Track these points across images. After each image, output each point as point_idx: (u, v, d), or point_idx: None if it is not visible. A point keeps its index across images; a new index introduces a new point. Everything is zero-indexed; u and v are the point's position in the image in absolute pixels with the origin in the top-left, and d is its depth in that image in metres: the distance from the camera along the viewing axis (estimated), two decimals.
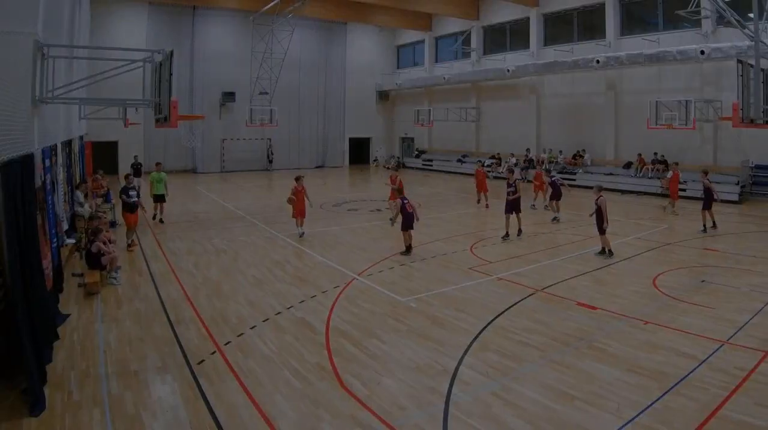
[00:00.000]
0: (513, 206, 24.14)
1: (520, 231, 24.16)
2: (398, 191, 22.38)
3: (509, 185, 24.46)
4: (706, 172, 27.48)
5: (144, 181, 30.86)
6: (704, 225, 25.82)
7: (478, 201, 34.08)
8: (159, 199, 27.95)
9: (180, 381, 10.92)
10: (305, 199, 25.18)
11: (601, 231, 21.14)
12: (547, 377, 11.06)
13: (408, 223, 21.31)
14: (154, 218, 27.69)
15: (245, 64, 55.44)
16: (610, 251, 21.15)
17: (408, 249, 21.47)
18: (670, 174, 28.85)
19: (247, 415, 9.66)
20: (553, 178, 29.99)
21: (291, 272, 19.49)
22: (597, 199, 21.21)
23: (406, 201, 21.49)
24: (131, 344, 12.79)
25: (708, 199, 26.14)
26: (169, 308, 15.45)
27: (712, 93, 37.71)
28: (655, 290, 16.91)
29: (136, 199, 22.73)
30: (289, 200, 24.54)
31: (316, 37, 62.98)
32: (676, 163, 28.80)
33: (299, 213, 24.74)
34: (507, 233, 23.93)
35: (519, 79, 52.58)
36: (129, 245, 22.36)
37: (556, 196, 29.08)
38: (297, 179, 25.34)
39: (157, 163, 29.92)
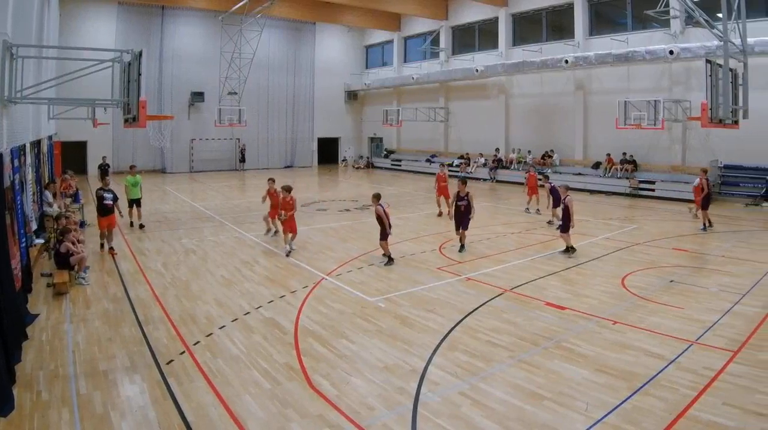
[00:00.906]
0: (460, 221, 22.06)
1: (462, 247, 22.41)
2: (376, 197, 20.89)
3: (460, 198, 22.05)
4: (705, 171, 27.41)
5: (114, 183, 30.44)
6: (704, 224, 26.15)
7: (439, 214, 29.73)
8: (135, 203, 26.85)
9: (149, 381, 10.85)
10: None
11: (565, 229, 21.30)
12: (516, 377, 11.07)
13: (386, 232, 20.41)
14: (131, 225, 26.65)
15: (214, 64, 55.47)
16: (572, 247, 21.33)
17: (390, 260, 20.44)
18: (696, 182, 27.21)
19: (216, 415, 9.63)
20: (552, 184, 28.07)
21: (260, 272, 19.44)
22: (564, 199, 21.39)
23: (384, 207, 20.64)
24: (100, 344, 12.71)
25: (707, 199, 26.29)
26: (138, 308, 15.38)
27: (680, 93, 37.97)
28: (623, 290, 16.97)
29: (110, 202, 21.88)
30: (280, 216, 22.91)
31: (285, 37, 63.12)
32: (705, 171, 27.25)
33: (291, 229, 23.20)
34: (462, 245, 22.51)
35: (488, 79, 52.77)
36: (106, 248, 21.91)
37: (558, 203, 26.63)
38: (270, 181, 25.91)
39: (132, 166, 28.95)
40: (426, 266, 19.37)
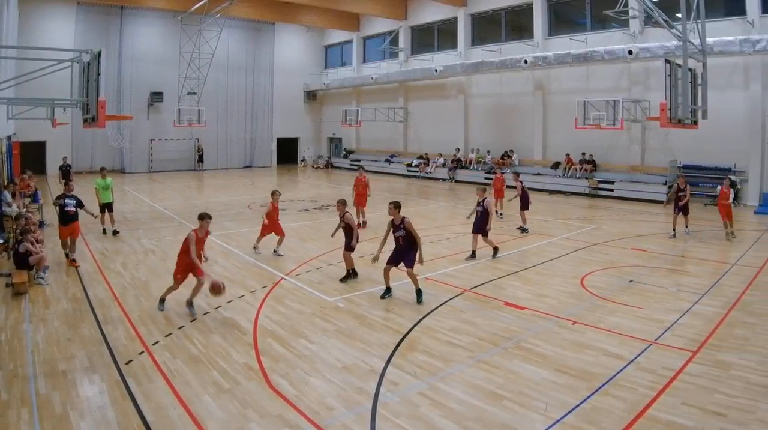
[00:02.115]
0: (395, 259, 17.03)
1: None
2: (343, 203, 19.12)
3: (396, 228, 16.73)
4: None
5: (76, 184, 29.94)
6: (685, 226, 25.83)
7: (359, 224, 25.67)
8: (107, 208, 25.42)
9: (108, 381, 10.75)
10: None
11: (484, 233, 20.88)
12: (475, 377, 11.07)
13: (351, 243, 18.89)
14: (104, 232, 25.46)
15: (173, 65, 55.29)
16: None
17: (354, 274, 18.67)
18: (717, 189, 25.96)
19: (175, 415, 9.56)
20: (523, 185, 27.30)
21: (219, 272, 19.14)
22: (483, 201, 20.93)
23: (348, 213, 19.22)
24: (59, 344, 12.60)
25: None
26: (97, 308, 15.27)
27: (639, 93, 38.31)
28: (583, 290, 17.03)
29: (73, 208, 20.52)
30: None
31: (244, 37, 63.10)
32: (730, 178, 26.53)
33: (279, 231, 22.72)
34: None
35: (447, 79, 52.95)
36: (71, 261, 20.10)
37: (526, 205, 26.77)
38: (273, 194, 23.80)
39: (102, 169, 27.65)
40: (384, 266, 19.26)
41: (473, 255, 21.06)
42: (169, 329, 13.71)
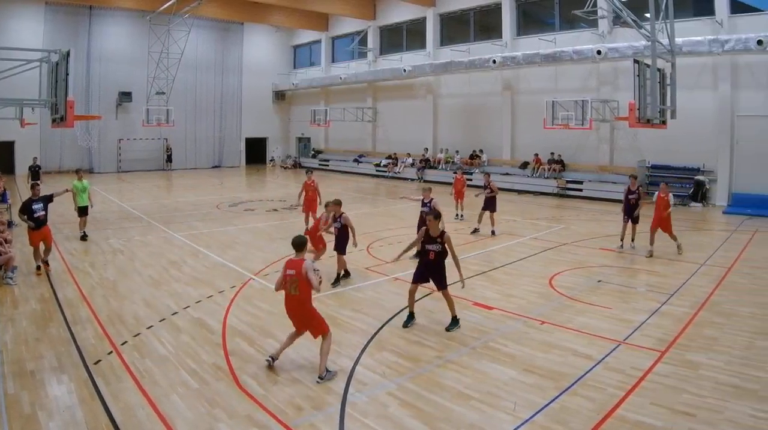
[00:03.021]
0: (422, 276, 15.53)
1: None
2: (337, 204, 18.36)
3: (431, 241, 15.38)
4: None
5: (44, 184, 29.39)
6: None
7: (307, 231, 22.99)
8: (83, 212, 24.67)
9: (76, 381, 10.67)
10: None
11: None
12: (444, 377, 11.09)
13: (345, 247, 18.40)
14: (84, 238, 24.56)
15: (142, 64, 55.08)
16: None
17: (347, 274, 18.38)
18: (654, 196, 22.53)
19: (143, 415, 9.51)
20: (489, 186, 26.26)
21: (188, 272, 19.27)
22: (429, 201, 20.01)
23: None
24: (27, 344, 12.50)
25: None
26: (66, 308, 15.15)
27: (608, 93, 38.44)
28: (551, 290, 17.07)
29: (42, 212, 19.52)
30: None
31: (213, 37, 63.12)
32: (666, 183, 23.23)
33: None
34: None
35: (416, 79, 53.01)
36: (45, 263, 19.39)
37: (491, 206, 25.85)
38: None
39: (78, 170, 26.54)
40: (354, 266, 19.08)
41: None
42: (138, 329, 13.63)
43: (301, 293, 11.26)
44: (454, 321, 13.94)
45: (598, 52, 35.99)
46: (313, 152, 67.44)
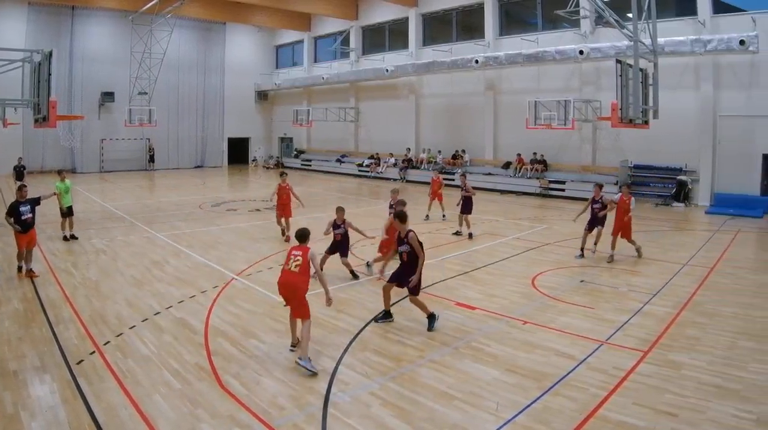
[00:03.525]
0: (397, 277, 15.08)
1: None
2: (342, 210, 18.56)
3: (401, 242, 15.10)
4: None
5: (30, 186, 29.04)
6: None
7: (283, 234, 24.49)
8: (68, 212, 24.33)
9: (59, 381, 10.62)
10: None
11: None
12: (426, 377, 11.07)
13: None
14: (65, 238, 24.31)
15: (124, 64, 54.92)
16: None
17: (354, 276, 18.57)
18: (616, 198, 21.68)
19: (126, 415, 9.46)
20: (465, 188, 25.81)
21: (170, 272, 19.21)
22: (395, 204, 19.52)
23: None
24: (10, 343, 12.46)
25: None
26: (48, 308, 15.09)
27: (591, 93, 38.54)
28: (533, 290, 17.06)
29: (30, 215, 18.95)
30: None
31: (195, 37, 63.08)
32: (628, 186, 23.91)
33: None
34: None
35: (398, 79, 53.04)
36: (24, 271, 18.72)
37: (467, 207, 25.45)
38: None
39: (61, 171, 26.04)
40: (336, 266, 18.88)
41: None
42: (121, 328, 13.57)
43: (300, 273, 11.81)
44: (432, 318, 13.84)
45: (581, 52, 36.08)
46: (295, 152, 67.49)
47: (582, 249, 21.61)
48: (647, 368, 11.33)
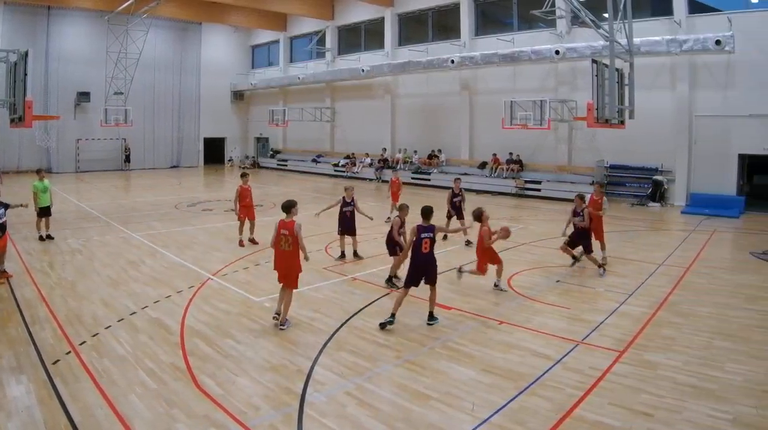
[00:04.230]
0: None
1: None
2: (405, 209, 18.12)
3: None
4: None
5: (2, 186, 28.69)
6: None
7: (243, 243, 23.50)
8: (45, 212, 24.22)
9: (35, 381, 10.60)
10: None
11: (353, 233, 21.11)
12: (402, 377, 11.09)
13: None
14: (41, 238, 24.15)
15: (100, 64, 54.81)
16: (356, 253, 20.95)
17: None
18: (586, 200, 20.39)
19: (102, 415, 9.45)
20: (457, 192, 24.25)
21: (146, 272, 19.16)
22: (351, 200, 21.09)
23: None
24: None
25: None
26: (24, 308, 15.03)
27: (567, 93, 38.70)
28: (510, 290, 17.10)
29: (5, 218, 18.68)
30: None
31: (171, 37, 63.04)
32: (601, 185, 23.18)
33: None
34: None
35: (374, 79, 53.14)
36: (2, 272, 18.41)
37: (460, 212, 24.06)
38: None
39: (39, 170, 25.80)
40: (312, 266, 18.71)
41: (342, 255, 21.09)
42: (96, 329, 13.54)
43: (293, 249, 13.71)
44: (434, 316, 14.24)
45: (557, 52, 36.21)
46: (271, 152, 67.49)
47: (573, 257, 19.99)
48: (623, 368, 11.35)
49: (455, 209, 24.07)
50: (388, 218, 27.52)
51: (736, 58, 31.27)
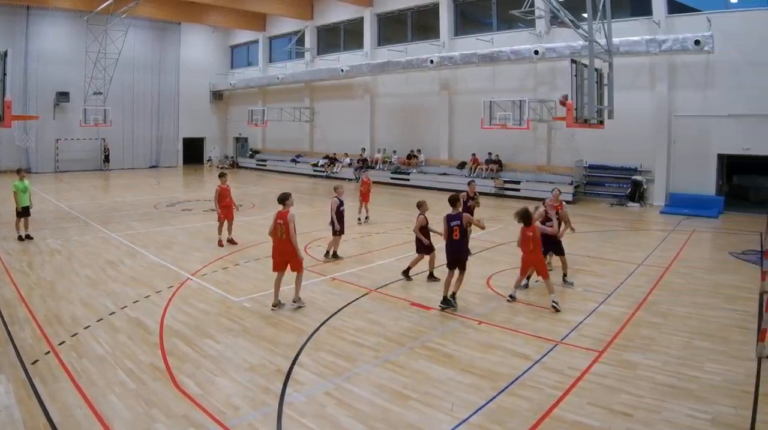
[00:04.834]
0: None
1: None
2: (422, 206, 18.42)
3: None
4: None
5: None
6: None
7: (222, 243, 23.37)
8: (25, 212, 24.14)
9: (14, 381, 10.56)
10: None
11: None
12: (381, 377, 11.07)
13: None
14: (20, 238, 24.03)
15: (79, 65, 54.68)
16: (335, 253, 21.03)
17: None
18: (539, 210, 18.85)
19: (81, 415, 9.41)
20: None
21: (125, 272, 19.09)
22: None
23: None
24: None
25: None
26: (3, 308, 14.95)
27: (546, 93, 38.65)
28: (489, 290, 17.13)
29: None
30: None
31: (150, 37, 62.81)
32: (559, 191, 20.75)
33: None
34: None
35: (353, 79, 53.14)
36: None
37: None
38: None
39: (20, 170, 25.96)
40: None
41: (335, 255, 21.03)
42: (75, 329, 13.49)
43: (288, 239, 14.87)
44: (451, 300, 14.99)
45: (536, 52, 36.29)
46: (250, 152, 67.49)
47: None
48: (602, 368, 11.37)
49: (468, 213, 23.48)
50: (359, 219, 27.89)
51: (716, 58, 31.39)
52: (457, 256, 15.14)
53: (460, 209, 15.53)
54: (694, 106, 32.94)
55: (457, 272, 15.07)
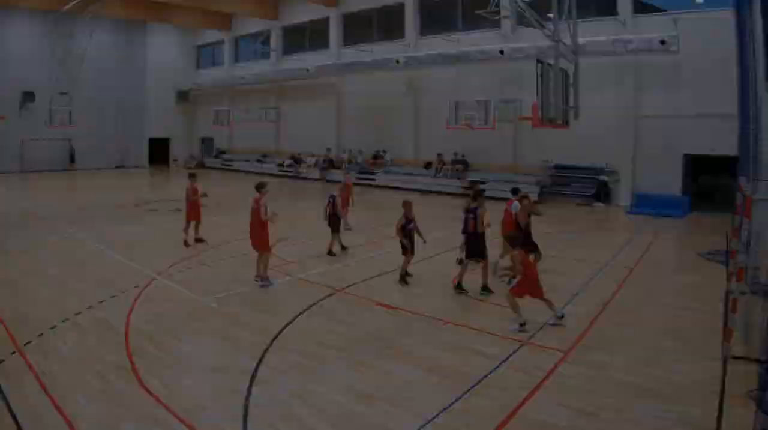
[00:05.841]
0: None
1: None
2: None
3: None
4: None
5: None
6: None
7: (188, 243, 23.22)
8: None
9: None
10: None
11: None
12: (348, 378, 11.09)
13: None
14: None
15: (45, 65, 54.56)
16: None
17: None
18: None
19: (47, 415, 9.40)
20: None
21: (91, 272, 19.00)
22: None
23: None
24: None
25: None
26: None
27: (512, 93, 38.51)
28: (455, 290, 16.99)
29: None
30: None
31: (116, 38, 62.61)
32: (526, 197, 19.86)
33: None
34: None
35: (319, 80, 52.94)
36: None
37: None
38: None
39: None
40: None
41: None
42: (41, 329, 13.38)
43: (255, 218, 17.18)
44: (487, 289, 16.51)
45: (502, 52, 36.33)
46: (216, 152, 67.46)
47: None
48: (568, 367, 11.41)
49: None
50: (347, 226, 26.39)
51: (682, 58, 31.49)
52: (475, 246, 16.53)
53: (481, 203, 16.80)
54: (661, 107, 33.15)
55: (473, 262, 16.56)
